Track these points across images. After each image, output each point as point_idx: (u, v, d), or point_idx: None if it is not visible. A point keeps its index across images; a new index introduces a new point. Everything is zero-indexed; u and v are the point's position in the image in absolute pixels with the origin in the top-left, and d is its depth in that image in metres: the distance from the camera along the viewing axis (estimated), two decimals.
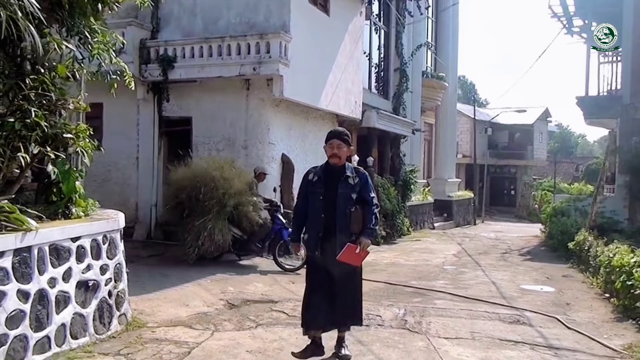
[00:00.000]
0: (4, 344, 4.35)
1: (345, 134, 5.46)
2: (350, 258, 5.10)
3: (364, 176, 5.40)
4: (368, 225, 5.24)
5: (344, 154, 5.33)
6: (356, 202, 5.24)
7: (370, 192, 5.36)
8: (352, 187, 5.26)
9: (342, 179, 5.27)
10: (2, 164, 4.84)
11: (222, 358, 5.30)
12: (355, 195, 5.25)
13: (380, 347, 5.88)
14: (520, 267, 13.32)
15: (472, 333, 6.69)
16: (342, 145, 5.30)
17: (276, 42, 11.51)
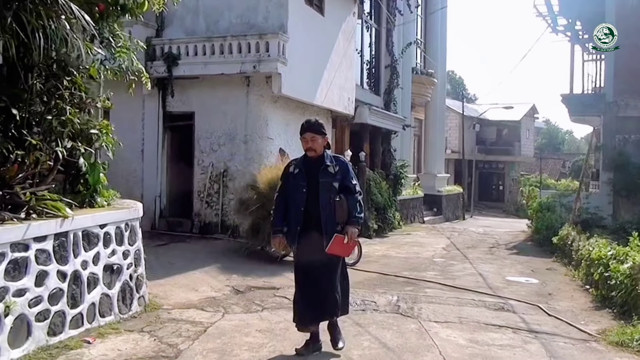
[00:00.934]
0: (47, 318, 4.88)
1: (318, 124, 5.33)
2: (339, 249, 5.05)
3: (344, 164, 5.31)
4: (353, 214, 5.14)
5: (319, 145, 5.22)
6: (339, 191, 5.15)
7: (352, 179, 5.25)
8: (332, 175, 5.16)
9: (322, 168, 5.18)
10: (40, 157, 5.34)
11: (235, 335, 5.84)
12: (337, 183, 5.16)
13: (376, 329, 6.43)
14: (506, 260, 13.89)
15: (460, 318, 7.26)
16: (316, 137, 5.20)
17: (275, 42, 12.08)
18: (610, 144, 16.92)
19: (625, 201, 16.08)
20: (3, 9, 4.33)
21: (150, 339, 5.50)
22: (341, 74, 15.65)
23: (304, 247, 5.22)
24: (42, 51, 4.79)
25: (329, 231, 5.04)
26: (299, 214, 5.17)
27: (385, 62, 21.73)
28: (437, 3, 27.92)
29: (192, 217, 13.46)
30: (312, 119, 5.47)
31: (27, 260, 4.65)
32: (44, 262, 4.87)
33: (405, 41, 23.43)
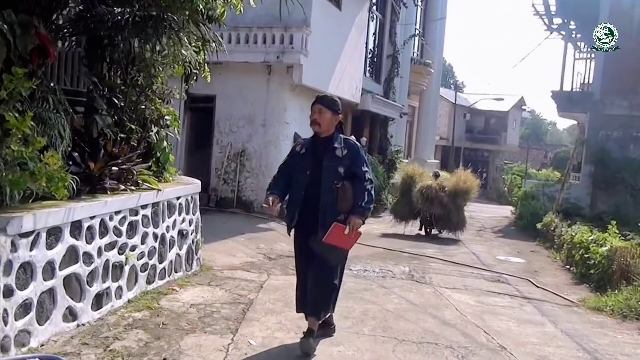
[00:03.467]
0: (146, 270, 6.08)
1: (332, 100, 4.93)
2: (338, 240, 4.60)
3: (355, 148, 4.80)
4: (358, 203, 4.65)
5: (326, 121, 4.79)
6: (345, 177, 4.68)
7: (362, 165, 4.73)
8: (339, 159, 4.70)
9: (328, 150, 4.74)
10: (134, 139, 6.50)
11: (288, 291, 6.99)
12: (342, 168, 4.68)
13: (399, 291, 7.69)
14: (494, 242, 15.29)
15: (465, 286, 8.56)
16: (324, 110, 4.79)
17: (298, 34, 13.23)
18: (594, 139, 17.82)
19: (602, 193, 17.17)
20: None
21: (221, 290, 6.70)
22: (352, 64, 16.85)
23: (302, 236, 4.90)
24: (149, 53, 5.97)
25: (327, 220, 4.62)
26: (299, 199, 4.81)
27: (388, 51, 22.85)
28: None
29: (209, 192, 14.54)
30: (326, 94, 5.13)
31: (137, 223, 5.83)
32: (146, 225, 6.05)
33: (406, 31, 24.57)
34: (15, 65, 3.75)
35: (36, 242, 4.13)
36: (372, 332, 5.58)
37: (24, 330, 3.99)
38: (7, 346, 3.76)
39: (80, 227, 4.72)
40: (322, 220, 4.68)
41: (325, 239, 4.59)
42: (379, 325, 5.86)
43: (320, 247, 4.67)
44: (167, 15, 5.37)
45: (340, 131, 4.94)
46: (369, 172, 4.81)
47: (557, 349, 5.67)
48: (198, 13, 6.26)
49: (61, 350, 4.12)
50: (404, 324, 5.96)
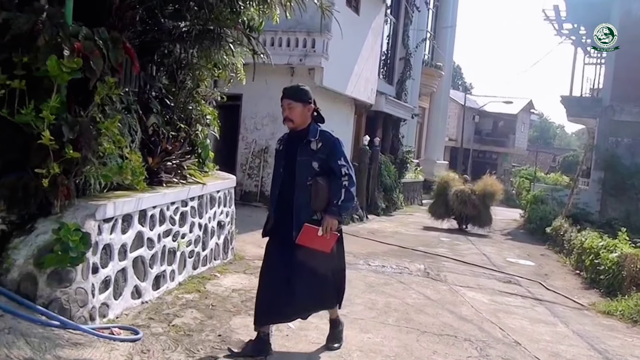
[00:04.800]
0: (192, 257, 6.63)
1: (298, 90, 4.51)
2: (312, 242, 4.24)
3: (330, 140, 4.40)
4: (333, 202, 4.28)
5: (298, 115, 4.39)
6: (321, 173, 4.33)
7: (338, 159, 4.34)
8: (313, 153, 4.34)
9: (303, 144, 4.38)
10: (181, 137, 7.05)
11: None
12: (317, 163, 4.33)
13: (417, 286, 8.21)
14: (504, 245, 15.78)
15: (479, 285, 9.07)
16: (293, 104, 4.38)
17: (320, 39, 13.83)
18: (603, 145, 18.19)
19: (612, 200, 17.60)
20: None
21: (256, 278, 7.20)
22: (368, 67, 17.40)
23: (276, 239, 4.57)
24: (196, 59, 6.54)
25: (301, 221, 4.28)
26: (274, 197, 4.56)
27: (400, 54, 23.40)
28: None
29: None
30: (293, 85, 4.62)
31: (186, 213, 6.37)
32: (193, 215, 6.59)
33: (418, 34, 25.09)
34: (106, 75, 4.28)
35: (115, 227, 4.69)
36: (396, 323, 6.10)
37: (104, 303, 4.53)
38: (94, 316, 4.31)
39: (145, 215, 5.28)
40: (296, 220, 4.30)
41: (298, 241, 4.24)
42: (402, 317, 6.37)
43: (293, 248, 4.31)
44: (223, 30, 5.92)
45: (319, 121, 4.54)
46: (348, 167, 4.38)
47: (570, 347, 6.16)
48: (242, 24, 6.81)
49: (133, 323, 4.66)
50: (424, 317, 6.47)
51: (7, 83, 3.87)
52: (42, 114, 3.82)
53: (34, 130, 3.97)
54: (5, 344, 3.28)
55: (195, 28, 5.95)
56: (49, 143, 3.78)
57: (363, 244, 12.07)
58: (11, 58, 3.95)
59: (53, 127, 3.83)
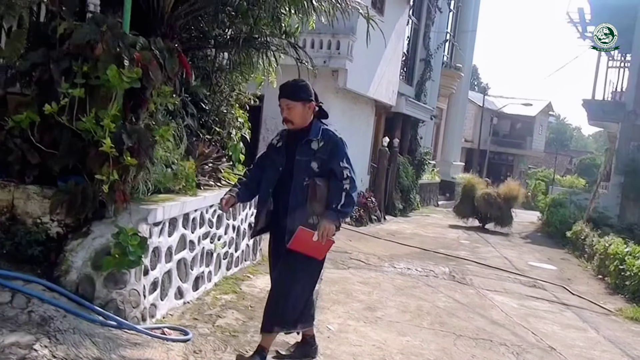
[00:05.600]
0: (226, 258, 6.77)
1: (297, 87, 4.22)
2: (305, 247, 3.97)
3: (334, 139, 4.12)
4: (332, 205, 3.97)
5: (298, 115, 4.12)
6: (320, 174, 4.05)
7: (340, 160, 4.04)
8: (313, 153, 4.08)
9: (303, 143, 4.12)
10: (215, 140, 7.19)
11: (345, 284, 7.71)
12: (317, 163, 4.06)
13: (445, 290, 8.32)
14: (524, 248, 15.82)
15: (505, 289, 9.15)
16: (292, 105, 4.10)
17: (345, 41, 13.91)
18: (625, 150, 18.20)
19: (632, 204, 17.56)
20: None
21: None
22: (390, 68, 17.50)
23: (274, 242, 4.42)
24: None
25: (295, 224, 4.00)
26: (266, 199, 4.25)
27: (421, 55, 23.45)
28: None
29: None
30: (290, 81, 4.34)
31: (222, 216, 6.51)
32: (228, 217, 6.73)
33: (438, 35, 25.13)
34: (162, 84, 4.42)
35: (163, 230, 4.83)
36: (431, 326, 6.21)
37: (152, 304, 4.67)
38: (145, 316, 4.45)
39: (188, 218, 5.42)
40: (291, 223, 4.05)
41: (289, 245, 3.98)
42: (435, 320, 6.49)
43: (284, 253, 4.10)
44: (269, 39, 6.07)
45: (322, 116, 4.28)
46: (350, 170, 4.05)
47: (603, 353, 6.25)
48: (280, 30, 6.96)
49: (179, 323, 4.80)
50: (457, 321, 6.58)
51: (69, 91, 4.01)
52: (102, 122, 3.95)
53: (91, 137, 4.11)
54: (73, 344, 3.42)
55: (241, 36, 6.08)
56: (110, 150, 3.92)
57: (385, 246, 12.17)
58: (71, 67, 4.10)
59: (113, 135, 3.96)
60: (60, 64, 4.05)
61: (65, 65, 4.06)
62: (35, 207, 4.29)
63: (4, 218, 4.27)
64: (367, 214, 16.54)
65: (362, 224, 15.83)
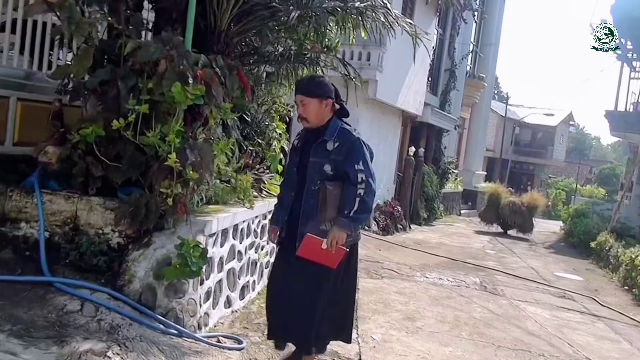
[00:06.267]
0: (267, 267, 6.90)
1: (313, 83, 4.05)
2: (315, 255, 3.72)
3: (350, 140, 3.83)
4: (344, 212, 3.71)
5: (314, 112, 3.88)
6: (334, 177, 3.79)
7: (355, 163, 3.74)
8: (327, 154, 3.80)
9: (318, 143, 3.86)
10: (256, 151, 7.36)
11: (382, 293, 7.82)
12: (330, 166, 3.79)
13: (478, 300, 8.40)
14: (548, 258, 15.84)
15: (535, 300, 9.21)
16: (307, 101, 3.88)
17: (376, 53, 14.07)
18: None
19: None
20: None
21: None
22: (417, 79, 17.61)
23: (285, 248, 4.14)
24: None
25: (305, 230, 3.78)
26: (289, 200, 4.04)
27: (445, 65, 23.55)
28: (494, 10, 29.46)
29: None
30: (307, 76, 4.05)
31: (264, 226, 6.66)
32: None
33: (463, 44, 25.21)
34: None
35: (216, 241, 4.99)
36: (471, 337, 6.31)
37: (206, 313, 4.82)
38: (200, 324, 4.59)
39: (237, 229, 5.57)
40: (301, 229, 3.81)
41: (298, 252, 3.76)
42: (474, 330, 6.59)
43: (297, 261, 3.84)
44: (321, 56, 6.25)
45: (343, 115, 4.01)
46: (367, 173, 3.74)
47: None
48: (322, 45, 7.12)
49: (231, 332, 4.95)
50: (494, 332, 6.68)
51: (135, 107, 4.18)
52: (167, 137, 4.12)
53: (154, 151, 4.27)
54: (142, 352, 3.57)
55: (290, 52, 6.26)
56: (175, 165, 4.08)
57: (414, 256, 12.26)
58: (137, 84, 4.27)
59: (177, 150, 4.12)
60: (127, 81, 4.23)
61: (133, 83, 4.23)
62: (98, 218, 4.46)
63: (67, 228, 4.44)
64: (394, 223, 16.67)
65: (389, 232, 15.96)
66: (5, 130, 5.67)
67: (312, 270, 3.79)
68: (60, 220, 4.44)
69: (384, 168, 17.55)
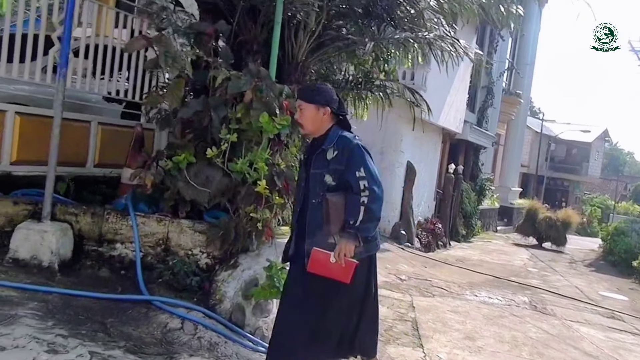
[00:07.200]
0: None
1: (315, 88, 3.90)
2: (325, 269, 3.51)
3: (349, 146, 3.59)
4: (349, 222, 3.47)
5: (310, 119, 3.69)
6: (337, 188, 3.56)
7: (356, 170, 3.49)
8: (327, 163, 3.59)
9: (317, 153, 3.66)
10: None
11: (437, 312, 7.97)
12: (331, 176, 3.56)
13: (531, 320, 8.49)
14: (590, 277, 15.80)
15: (586, 320, 9.27)
16: (304, 106, 3.70)
17: (420, 72, 14.29)
18: None
19: None
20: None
21: (383, 307, 7.61)
22: (458, 97, 17.81)
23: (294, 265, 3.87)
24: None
25: (312, 244, 3.55)
26: (296, 215, 3.82)
27: (483, 82, 23.64)
28: (530, 27, 29.47)
29: None
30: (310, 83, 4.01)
31: None
32: None
33: (500, 62, 25.29)
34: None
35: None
36: (531, 357, 6.44)
37: None
38: None
39: None
40: (309, 244, 3.59)
41: (308, 267, 3.56)
42: (533, 351, 6.71)
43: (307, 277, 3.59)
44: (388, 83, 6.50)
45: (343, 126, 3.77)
46: (370, 180, 3.50)
47: None
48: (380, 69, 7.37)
49: None
50: (553, 352, 6.79)
51: (227, 137, 4.44)
52: (255, 164, 4.37)
53: (242, 178, 4.53)
54: None
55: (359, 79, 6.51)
56: (264, 191, 4.32)
57: (459, 273, 12.36)
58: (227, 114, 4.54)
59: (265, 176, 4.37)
60: (219, 111, 4.49)
61: (224, 113, 4.49)
62: (187, 239, 4.72)
63: (159, 249, 4.70)
64: (435, 240, 16.79)
65: (430, 249, 16.09)
66: (87, 152, 6.01)
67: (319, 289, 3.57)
68: (152, 242, 4.71)
69: (424, 186, 17.71)
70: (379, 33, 5.70)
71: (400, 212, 15.66)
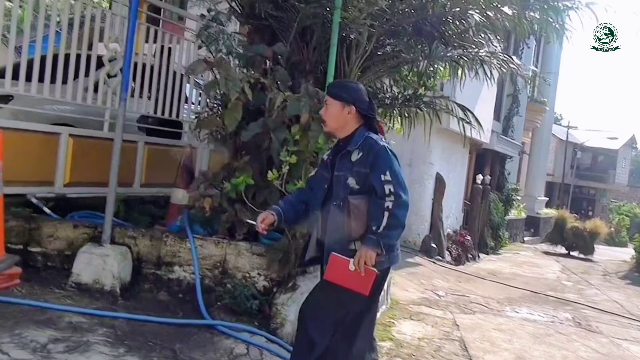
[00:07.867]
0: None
1: (344, 85, 3.77)
2: (343, 278, 3.30)
3: (375, 148, 3.43)
4: (372, 228, 3.30)
5: (332, 116, 3.55)
6: (360, 191, 3.39)
7: (382, 173, 3.35)
8: (351, 165, 3.43)
9: (342, 154, 3.50)
10: None
11: (482, 330, 7.84)
12: (355, 179, 3.40)
13: (578, 338, 8.33)
14: (627, 290, 15.51)
15: (634, 338, 9.05)
16: (330, 102, 3.57)
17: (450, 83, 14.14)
18: None
19: None
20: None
21: (427, 326, 7.57)
22: (486, 106, 17.67)
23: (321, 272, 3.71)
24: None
25: (331, 250, 3.37)
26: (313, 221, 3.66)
27: (508, 91, 23.49)
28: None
29: None
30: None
31: None
32: None
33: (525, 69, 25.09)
34: None
35: None
36: None
37: None
38: None
39: None
40: (327, 250, 3.43)
41: (326, 275, 3.41)
42: None
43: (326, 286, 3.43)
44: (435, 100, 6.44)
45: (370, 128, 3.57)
46: (395, 184, 3.35)
47: None
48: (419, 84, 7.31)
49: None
50: None
51: (286, 159, 4.41)
52: None
53: None
54: None
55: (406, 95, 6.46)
56: None
57: (494, 288, 12.21)
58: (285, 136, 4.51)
59: None
60: (278, 133, 4.46)
61: (283, 135, 4.46)
62: (245, 262, 4.68)
63: (217, 272, 4.68)
64: (465, 253, 16.65)
65: (460, 262, 15.95)
66: (135, 172, 6.01)
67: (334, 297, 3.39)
68: (210, 264, 4.68)
69: (453, 197, 17.57)
70: (431, 51, 5.65)
71: (430, 225, 15.56)
